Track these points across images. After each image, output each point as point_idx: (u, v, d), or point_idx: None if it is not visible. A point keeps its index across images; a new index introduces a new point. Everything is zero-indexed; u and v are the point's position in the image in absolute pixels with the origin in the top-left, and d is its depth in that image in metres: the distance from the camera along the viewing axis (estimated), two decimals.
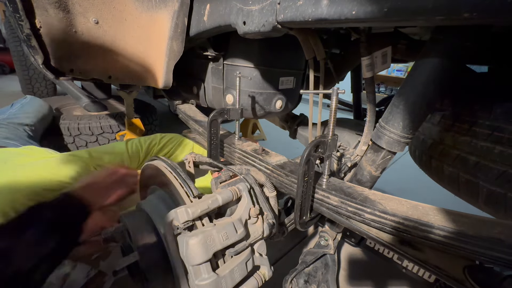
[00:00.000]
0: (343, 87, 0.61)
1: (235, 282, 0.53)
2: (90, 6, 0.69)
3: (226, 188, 0.65)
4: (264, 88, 0.92)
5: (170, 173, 0.68)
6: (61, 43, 0.68)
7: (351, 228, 0.57)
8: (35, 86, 2.93)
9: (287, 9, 0.50)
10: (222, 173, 0.71)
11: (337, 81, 1.16)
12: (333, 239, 1.03)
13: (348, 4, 0.41)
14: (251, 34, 0.61)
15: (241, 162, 0.80)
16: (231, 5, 0.64)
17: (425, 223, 0.46)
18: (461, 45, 0.48)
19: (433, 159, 0.77)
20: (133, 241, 0.61)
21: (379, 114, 0.63)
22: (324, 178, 0.62)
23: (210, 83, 0.98)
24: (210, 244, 0.51)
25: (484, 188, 0.63)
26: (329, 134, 0.56)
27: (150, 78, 0.86)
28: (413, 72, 0.55)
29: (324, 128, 0.99)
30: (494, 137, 0.61)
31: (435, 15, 0.35)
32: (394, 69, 4.57)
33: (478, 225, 0.45)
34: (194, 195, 0.62)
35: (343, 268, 1.23)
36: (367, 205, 0.53)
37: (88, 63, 0.74)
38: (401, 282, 1.17)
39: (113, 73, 0.78)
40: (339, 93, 0.54)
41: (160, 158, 0.76)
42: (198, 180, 1.42)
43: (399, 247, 0.53)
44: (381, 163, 0.62)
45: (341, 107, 1.86)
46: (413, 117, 0.54)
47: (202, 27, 0.77)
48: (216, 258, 0.53)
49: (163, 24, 0.80)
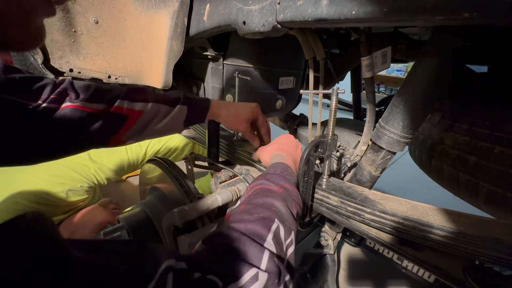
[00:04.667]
0: (343, 87, 0.61)
1: None
2: (90, 5, 0.69)
3: (226, 188, 0.65)
4: (263, 88, 0.92)
5: (170, 173, 0.68)
6: (60, 42, 0.68)
7: (351, 228, 0.57)
8: None
9: (287, 9, 0.50)
10: (222, 173, 0.71)
11: (337, 81, 1.16)
12: (333, 239, 1.03)
13: (348, 4, 0.41)
14: (251, 34, 0.61)
15: (241, 162, 0.80)
16: (231, 5, 0.64)
17: (424, 223, 0.46)
18: (461, 45, 0.48)
19: (433, 159, 0.77)
20: None
21: (379, 114, 0.63)
22: (324, 178, 0.62)
23: (209, 83, 0.98)
24: None
25: (484, 188, 0.63)
26: (329, 134, 0.56)
27: (150, 78, 0.86)
28: (413, 72, 0.55)
29: (324, 128, 0.99)
30: (494, 137, 0.61)
31: (435, 15, 0.35)
32: (394, 69, 4.57)
33: (478, 225, 0.45)
34: (193, 195, 0.62)
35: (343, 268, 1.23)
36: (366, 205, 0.53)
37: (88, 63, 0.73)
38: (401, 282, 1.17)
39: (112, 72, 0.78)
40: (339, 93, 0.54)
41: (160, 158, 0.76)
42: (198, 180, 1.42)
43: (399, 247, 0.53)
44: (381, 163, 0.62)
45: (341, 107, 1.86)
46: (413, 117, 0.54)
47: (202, 27, 0.77)
48: None
49: (163, 24, 0.80)
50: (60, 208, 1.03)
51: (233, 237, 0.30)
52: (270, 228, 0.33)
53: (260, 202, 0.38)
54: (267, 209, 0.36)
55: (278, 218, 0.35)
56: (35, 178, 0.98)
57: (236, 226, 0.32)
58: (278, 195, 0.40)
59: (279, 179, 0.44)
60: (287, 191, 0.42)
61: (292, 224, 0.37)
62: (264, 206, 0.37)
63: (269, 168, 0.50)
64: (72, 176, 1.06)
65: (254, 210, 0.36)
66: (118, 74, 0.79)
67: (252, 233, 0.31)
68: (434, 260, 0.50)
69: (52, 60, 0.68)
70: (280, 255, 0.31)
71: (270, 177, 0.45)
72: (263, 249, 0.29)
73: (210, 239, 0.32)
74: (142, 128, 0.55)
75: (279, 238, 0.33)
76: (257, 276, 0.26)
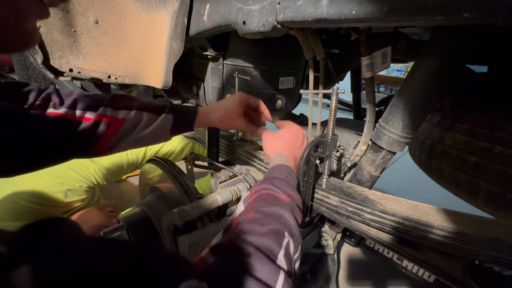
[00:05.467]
0: (343, 87, 0.61)
1: None
2: (90, 5, 0.69)
3: (226, 188, 0.65)
4: (263, 88, 0.92)
5: (170, 173, 0.68)
6: (60, 42, 0.68)
7: (351, 228, 0.57)
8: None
9: (287, 9, 0.50)
10: (222, 173, 0.71)
11: (337, 81, 1.16)
12: (332, 239, 1.03)
13: (348, 4, 0.41)
14: (251, 34, 0.61)
15: (241, 162, 0.80)
16: (231, 5, 0.64)
17: (424, 223, 0.46)
18: (461, 45, 0.48)
19: (433, 159, 0.77)
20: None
21: (379, 114, 0.63)
22: (324, 178, 0.62)
23: (209, 83, 0.98)
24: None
25: (484, 188, 0.63)
26: (328, 134, 0.56)
27: (150, 78, 0.86)
28: (413, 72, 0.55)
29: (324, 128, 0.99)
30: (494, 137, 0.61)
31: (435, 15, 0.34)
32: (394, 69, 4.57)
33: (478, 225, 0.45)
34: (193, 195, 0.62)
35: (343, 268, 1.23)
36: (366, 205, 0.53)
37: (88, 63, 0.73)
38: (401, 282, 1.17)
39: (112, 72, 0.78)
40: (339, 93, 0.54)
41: (159, 158, 0.76)
42: (198, 180, 1.42)
43: (399, 247, 0.53)
44: (381, 163, 0.62)
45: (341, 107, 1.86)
46: (413, 117, 0.54)
47: (202, 27, 0.77)
48: None
49: (163, 24, 0.79)
50: (59, 208, 1.03)
51: (247, 252, 0.29)
52: (282, 244, 0.32)
53: (269, 211, 0.37)
54: (277, 221, 0.36)
55: (287, 231, 0.35)
56: (33, 178, 0.97)
57: (248, 238, 0.31)
58: (286, 204, 0.40)
59: (285, 186, 0.44)
60: (293, 199, 0.42)
61: (299, 238, 0.37)
62: (274, 217, 0.36)
63: (273, 169, 0.50)
64: (71, 176, 1.06)
65: (264, 220, 0.35)
66: (118, 74, 0.79)
67: (265, 248, 0.30)
68: (434, 260, 0.50)
69: (52, 60, 0.68)
70: (290, 272, 0.31)
71: (276, 182, 0.44)
72: (278, 269, 0.29)
73: (220, 248, 0.31)
74: (125, 136, 0.54)
75: (289, 254, 0.33)
76: None
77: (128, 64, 0.80)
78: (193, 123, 0.63)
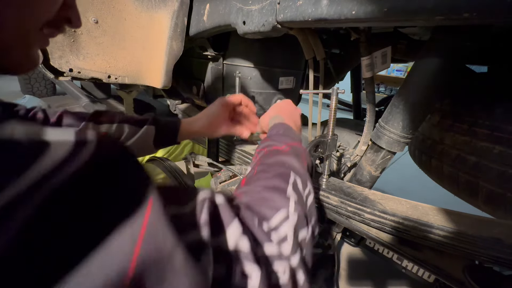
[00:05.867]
0: (343, 87, 0.61)
1: None
2: (90, 5, 0.69)
3: (226, 188, 0.65)
4: (263, 88, 0.92)
5: (170, 173, 0.68)
6: (60, 42, 0.68)
7: (351, 228, 0.57)
8: (34, 86, 2.92)
9: (287, 9, 0.50)
10: (222, 173, 0.71)
11: (337, 81, 1.16)
12: (333, 239, 1.03)
13: (348, 4, 0.41)
14: (251, 34, 0.61)
15: (241, 162, 0.80)
16: (231, 5, 0.64)
17: (424, 223, 0.46)
18: (461, 45, 0.48)
19: (433, 159, 0.77)
20: None
21: (379, 114, 0.63)
22: (324, 178, 0.62)
23: (209, 83, 0.98)
24: None
25: (484, 188, 0.63)
26: (328, 134, 0.56)
27: (150, 77, 0.86)
28: (413, 72, 0.55)
29: (324, 128, 0.99)
30: (494, 137, 0.61)
31: (435, 15, 0.35)
32: (394, 69, 4.57)
33: (478, 225, 0.45)
34: None
35: (343, 268, 1.23)
36: (366, 205, 0.53)
37: (87, 63, 0.73)
38: (401, 282, 1.17)
39: (112, 72, 0.78)
40: (339, 93, 0.54)
41: (159, 158, 0.76)
42: (198, 180, 1.42)
43: (399, 247, 0.53)
44: (381, 163, 0.62)
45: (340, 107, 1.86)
46: (413, 117, 0.54)
47: (202, 27, 0.77)
48: None
49: (163, 24, 0.80)
50: None
51: (257, 191, 0.31)
52: (288, 181, 0.34)
53: (272, 161, 0.38)
54: (280, 166, 0.37)
55: (293, 171, 0.36)
56: None
57: (256, 184, 0.33)
58: (287, 153, 0.40)
59: (284, 138, 0.45)
60: (293, 148, 0.42)
61: (306, 176, 0.38)
62: (277, 164, 0.37)
63: (271, 129, 0.49)
64: None
65: (269, 168, 0.37)
66: (118, 74, 0.79)
67: (273, 187, 0.32)
68: (434, 260, 0.50)
69: (52, 60, 0.68)
70: (301, 202, 0.32)
71: (274, 138, 0.45)
72: (287, 197, 0.31)
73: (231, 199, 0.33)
74: None
75: (298, 189, 0.34)
76: (287, 216, 0.28)
77: (128, 64, 0.80)
78: (176, 134, 0.62)
